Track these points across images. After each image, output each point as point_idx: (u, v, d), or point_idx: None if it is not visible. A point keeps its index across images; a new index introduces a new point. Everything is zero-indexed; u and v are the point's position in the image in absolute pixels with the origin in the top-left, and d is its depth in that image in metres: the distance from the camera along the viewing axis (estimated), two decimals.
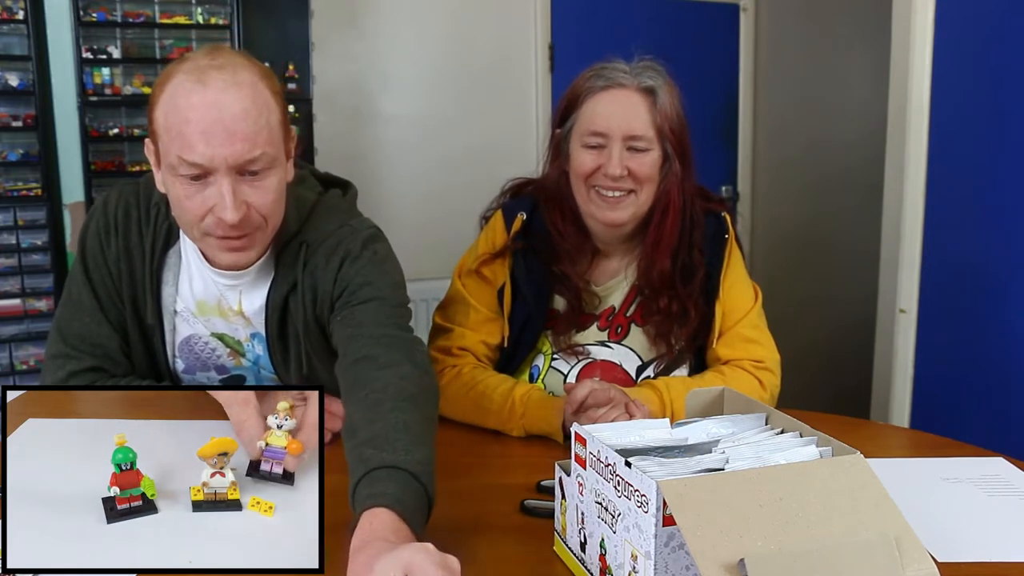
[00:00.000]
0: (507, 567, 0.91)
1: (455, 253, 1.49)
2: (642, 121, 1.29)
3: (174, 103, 1.06)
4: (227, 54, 1.10)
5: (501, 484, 1.10)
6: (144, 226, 1.23)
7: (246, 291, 1.24)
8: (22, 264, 2.43)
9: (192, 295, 1.24)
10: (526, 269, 1.37)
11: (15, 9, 2.33)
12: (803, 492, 0.72)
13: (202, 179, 1.06)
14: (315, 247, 1.21)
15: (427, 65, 3.09)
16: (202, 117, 1.04)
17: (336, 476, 0.94)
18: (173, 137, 1.05)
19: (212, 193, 1.07)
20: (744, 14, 3.61)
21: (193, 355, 1.28)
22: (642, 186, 1.31)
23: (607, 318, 1.41)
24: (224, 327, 1.27)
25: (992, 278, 1.97)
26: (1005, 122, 1.91)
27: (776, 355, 1.41)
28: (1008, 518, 1.00)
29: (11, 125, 2.38)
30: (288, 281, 1.21)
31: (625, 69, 1.32)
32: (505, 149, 3.18)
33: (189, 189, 1.07)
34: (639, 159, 1.30)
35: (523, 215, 1.39)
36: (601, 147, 1.30)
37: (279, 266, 1.22)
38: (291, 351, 1.25)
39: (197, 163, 1.05)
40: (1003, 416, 1.93)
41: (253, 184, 1.08)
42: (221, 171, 1.05)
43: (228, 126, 1.04)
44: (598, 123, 1.30)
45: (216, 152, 1.04)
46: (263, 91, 1.08)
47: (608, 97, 1.30)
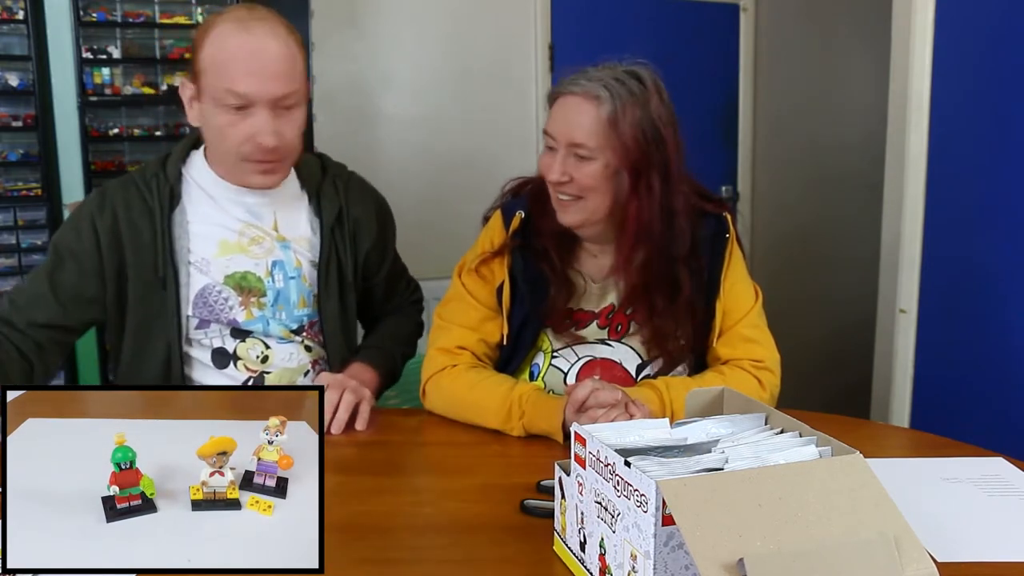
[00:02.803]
0: (507, 567, 0.91)
1: (455, 253, 1.50)
2: (584, 130, 1.26)
3: (223, 44, 1.26)
4: (260, 10, 1.32)
5: (501, 484, 1.10)
6: (147, 193, 1.37)
7: (281, 211, 1.43)
8: (22, 264, 2.43)
9: (211, 240, 1.39)
10: (524, 266, 1.37)
11: (15, 9, 2.33)
12: (802, 492, 0.73)
13: (244, 110, 1.26)
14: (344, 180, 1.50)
15: (427, 65, 3.08)
16: (249, 56, 1.25)
17: (336, 476, 0.94)
18: (221, 73, 1.26)
19: (252, 122, 1.27)
20: (744, 14, 3.61)
21: (207, 308, 1.39)
22: (587, 193, 1.29)
23: (607, 316, 1.41)
24: (245, 263, 1.40)
25: (992, 278, 1.97)
26: (1005, 122, 1.91)
27: (776, 355, 1.41)
28: (1008, 518, 1.00)
29: (11, 125, 2.38)
30: (334, 207, 1.45)
31: (585, 75, 1.29)
32: (505, 149, 3.18)
33: (233, 118, 1.27)
34: (581, 167, 1.28)
35: (521, 213, 1.39)
36: (555, 151, 1.30)
37: (322, 195, 1.45)
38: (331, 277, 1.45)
39: (243, 94, 1.25)
40: (1003, 416, 1.92)
41: (284, 116, 1.29)
42: (261, 103, 1.26)
43: (269, 66, 1.26)
44: (550, 126, 1.31)
45: (260, 86, 1.25)
46: (292, 42, 1.31)
47: (562, 103, 1.30)
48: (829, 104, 3.45)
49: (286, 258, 1.42)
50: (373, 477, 1.14)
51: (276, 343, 1.42)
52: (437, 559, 0.94)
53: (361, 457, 1.20)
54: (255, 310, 1.40)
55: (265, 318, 1.41)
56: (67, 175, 2.50)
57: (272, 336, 1.42)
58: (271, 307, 1.41)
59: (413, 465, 1.25)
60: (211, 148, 1.38)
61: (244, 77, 1.25)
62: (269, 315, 1.41)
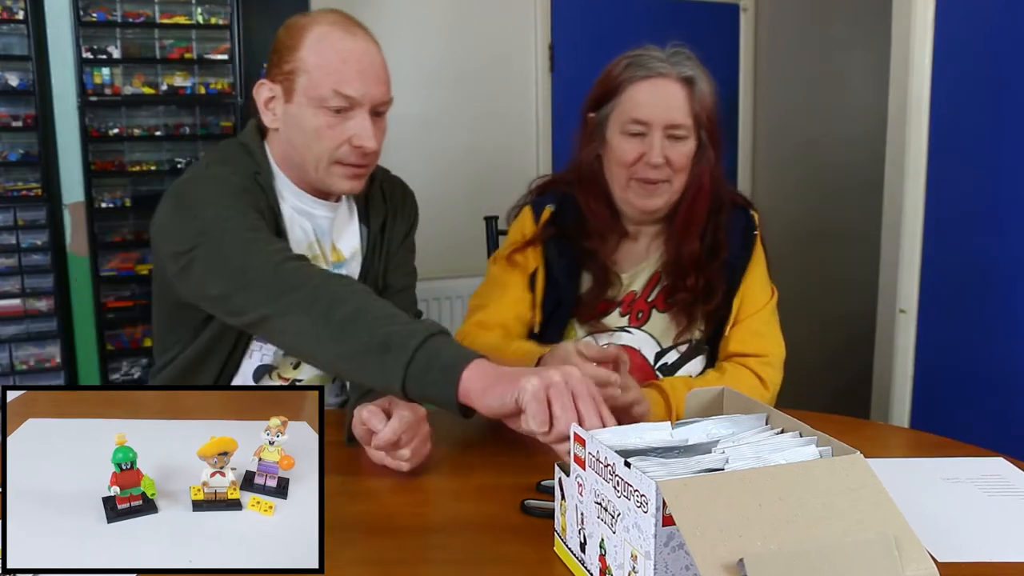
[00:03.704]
0: (507, 567, 0.91)
1: (455, 253, 1.51)
2: (681, 110, 1.32)
3: (329, 44, 1.25)
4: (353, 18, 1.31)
5: (501, 484, 1.10)
6: (262, 182, 1.30)
7: (339, 227, 1.40)
8: (22, 264, 2.43)
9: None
10: (558, 253, 1.39)
11: (15, 9, 2.33)
12: (803, 492, 0.73)
13: (344, 112, 1.25)
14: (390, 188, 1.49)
15: (427, 65, 3.08)
16: (359, 59, 1.25)
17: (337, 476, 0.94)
18: (327, 73, 1.24)
19: (352, 125, 1.26)
20: (744, 14, 3.61)
21: None
22: (677, 174, 1.34)
23: (628, 303, 1.42)
24: None
25: (992, 278, 1.97)
26: (1005, 122, 1.91)
27: (782, 351, 1.43)
28: (1008, 518, 1.00)
29: (11, 125, 2.38)
30: (380, 214, 1.44)
31: (662, 58, 1.34)
32: (505, 149, 3.18)
33: (332, 120, 1.25)
34: (678, 148, 1.32)
35: (552, 207, 1.41)
36: (642, 135, 1.32)
37: (370, 205, 1.44)
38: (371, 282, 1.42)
39: (350, 96, 1.24)
40: (1003, 416, 1.93)
41: (377, 123, 1.29)
42: (364, 107, 1.26)
43: (376, 71, 1.27)
44: (641, 112, 1.32)
45: (367, 90, 1.25)
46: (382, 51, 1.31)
47: (649, 86, 1.32)
48: (829, 104, 3.45)
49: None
50: (373, 477, 1.14)
51: None
52: (437, 559, 0.94)
53: (361, 457, 1.20)
54: None
55: None
56: (67, 175, 2.50)
57: None
58: None
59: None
60: (298, 151, 1.30)
61: (352, 79, 1.24)
62: None
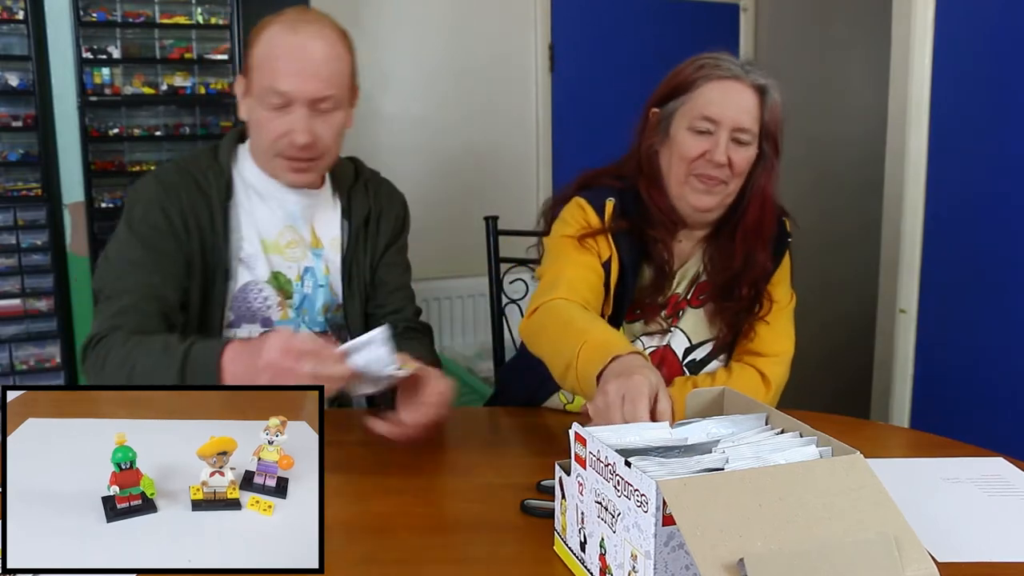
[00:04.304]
0: (507, 567, 0.91)
1: (455, 253, 1.50)
2: (751, 116, 1.33)
3: (271, 42, 1.30)
4: (316, 14, 1.37)
5: (501, 484, 1.10)
6: (204, 184, 1.37)
7: (318, 215, 1.45)
8: (22, 264, 2.42)
9: (258, 235, 1.39)
10: (628, 247, 1.38)
11: (15, 9, 2.33)
12: (803, 492, 0.72)
13: (283, 108, 1.30)
14: (375, 184, 1.54)
15: (427, 65, 3.08)
16: (291, 56, 1.29)
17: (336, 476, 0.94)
18: (266, 71, 1.30)
19: (289, 119, 1.30)
20: (744, 14, 3.61)
21: (245, 304, 1.39)
22: (735, 178, 1.35)
23: (673, 303, 1.43)
24: (280, 264, 1.41)
25: (992, 278, 1.97)
26: (1005, 122, 1.91)
27: (791, 350, 1.44)
28: (1008, 518, 1.00)
29: (11, 125, 2.37)
30: (363, 210, 1.48)
31: (739, 64, 1.35)
32: (505, 149, 3.18)
33: (272, 115, 1.31)
34: (740, 152, 1.33)
35: (613, 199, 1.39)
36: (708, 133, 1.33)
37: (352, 198, 1.48)
38: (355, 278, 1.46)
39: (283, 91, 1.28)
40: (1003, 416, 1.93)
41: (322, 118, 1.32)
42: (299, 102, 1.29)
43: (310, 66, 1.29)
44: (711, 110, 1.32)
45: (299, 85, 1.29)
46: (339, 46, 1.35)
47: (724, 87, 1.33)
48: (829, 104, 3.45)
49: (316, 266, 1.43)
50: (373, 477, 1.14)
51: None
52: (437, 559, 0.94)
53: (361, 457, 1.20)
54: (289, 311, 1.41)
55: (297, 321, 1.42)
56: (67, 175, 2.49)
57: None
58: (295, 310, 1.42)
59: (413, 465, 1.24)
60: (253, 142, 1.40)
61: (285, 76, 1.28)
62: (297, 319, 1.42)
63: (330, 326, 1.46)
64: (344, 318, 1.46)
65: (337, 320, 1.47)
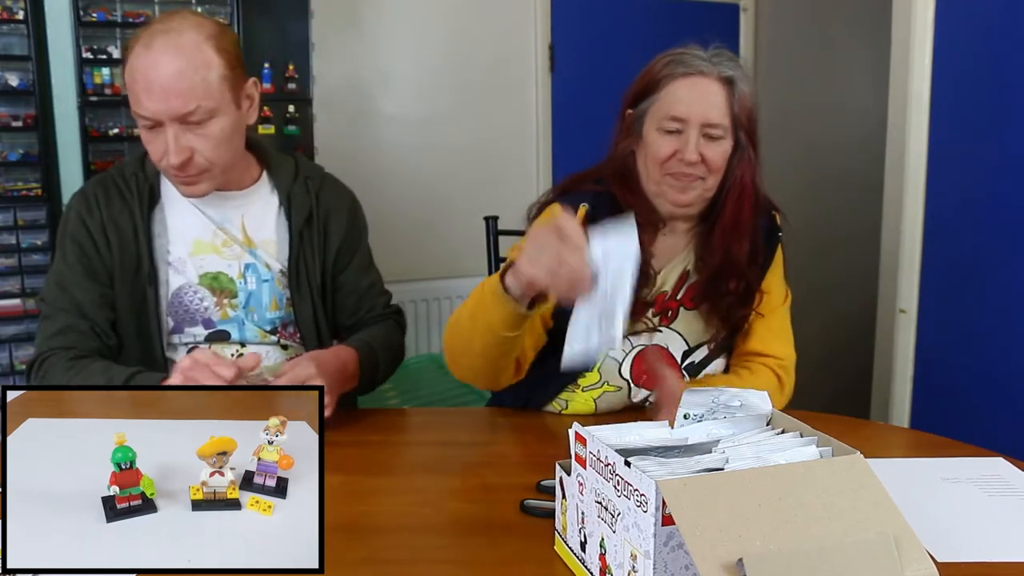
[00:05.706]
0: (507, 567, 0.91)
1: (455, 253, 1.50)
2: (719, 110, 1.32)
3: (131, 64, 1.25)
4: (178, 18, 1.28)
5: (501, 484, 1.10)
6: (127, 192, 1.38)
7: (249, 215, 1.43)
8: (22, 264, 2.42)
9: (186, 239, 1.39)
10: None
11: (15, 9, 2.32)
12: (803, 492, 0.73)
13: (155, 128, 1.26)
14: (317, 180, 1.48)
15: (427, 65, 3.08)
16: (145, 77, 1.23)
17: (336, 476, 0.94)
18: (131, 93, 1.26)
19: (162, 139, 1.26)
20: (744, 14, 3.61)
21: (182, 308, 1.38)
22: (712, 174, 1.34)
23: (660, 303, 1.42)
24: (218, 263, 1.40)
25: (991, 278, 1.97)
26: (1005, 122, 1.91)
27: (792, 354, 1.44)
28: (1008, 518, 1.00)
29: (11, 125, 2.37)
30: (304, 210, 1.44)
31: (704, 57, 1.34)
32: (505, 149, 3.18)
33: (149, 136, 1.28)
34: (713, 147, 1.32)
35: (586, 205, 1.39)
36: (678, 132, 1.32)
37: (292, 197, 1.44)
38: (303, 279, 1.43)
39: (144, 116, 1.25)
40: (1003, 416, 1.92)
41: (196, 132, 1.27)
42: (166, 122, 1.25)
43: (164, 84, 1.23)
44: (678, 109, 1.32)
45: (156, 107, 1.23)
46: (205, 51, 1.26)
47: (689, 83, 1.32)
48: (829, 104, 3.45)
49: (256, 263, 1.42)
50: (373, 477, 1.14)
51: (252, 346, 1.41)
52: (437, 559, 0.94)
53: (361, 457, 1.20)
54: (229, 311, 1.40)
55: (240, 319, 1.41)
56: (67, 175, 2.49)
57: (248, 338, 1.41)
58: (243, 308, 1.41)
59: (413, 465, 1.25)
60: None
61: (144, 98, 1.24)
62: (242, 316, 1.41)
63: (281, 324, 1.45)
64: (294, 316, 1.45)
65: (288, 318, 1.45)
